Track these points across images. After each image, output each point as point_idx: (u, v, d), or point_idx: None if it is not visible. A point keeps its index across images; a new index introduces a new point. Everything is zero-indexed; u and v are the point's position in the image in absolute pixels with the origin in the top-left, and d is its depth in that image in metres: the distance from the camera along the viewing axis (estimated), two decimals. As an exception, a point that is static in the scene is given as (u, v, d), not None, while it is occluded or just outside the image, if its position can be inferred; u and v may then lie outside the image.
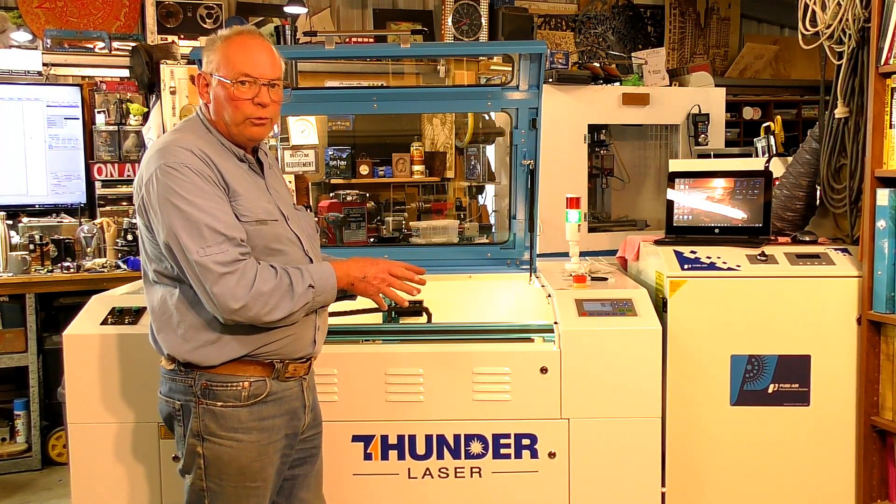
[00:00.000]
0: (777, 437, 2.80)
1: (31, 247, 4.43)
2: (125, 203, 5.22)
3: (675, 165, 3.22)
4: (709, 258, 2.85)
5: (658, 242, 3.01)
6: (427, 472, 2.64)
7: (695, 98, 5.15)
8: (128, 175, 5.26)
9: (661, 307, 2.79)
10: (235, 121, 2.05)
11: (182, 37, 5.53)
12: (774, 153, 3.84)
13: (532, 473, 2.63)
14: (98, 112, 5.30)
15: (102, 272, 4.41)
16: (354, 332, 2.69)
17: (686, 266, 2.82)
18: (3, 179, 5.13)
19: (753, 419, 2.80)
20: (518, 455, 2.63)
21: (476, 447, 2.63)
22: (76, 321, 2.68)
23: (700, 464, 2.80)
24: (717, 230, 3.05)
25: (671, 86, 5.37)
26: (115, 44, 5.42)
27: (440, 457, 2.63)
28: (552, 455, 2.62)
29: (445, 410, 2.61)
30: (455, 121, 5.61)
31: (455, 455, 2.63)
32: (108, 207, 5.22)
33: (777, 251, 2.88)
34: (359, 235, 4.60)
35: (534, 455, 2.62)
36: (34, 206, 5.15)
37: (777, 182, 3.22)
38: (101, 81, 5.40)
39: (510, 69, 3.23)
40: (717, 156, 4.73)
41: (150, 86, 4.13)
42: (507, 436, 2.62)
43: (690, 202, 3.09)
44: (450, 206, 5.49)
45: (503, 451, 2.62)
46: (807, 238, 3.00)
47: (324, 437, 2.30)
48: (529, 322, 2.79)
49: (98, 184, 5.28)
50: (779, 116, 4.45)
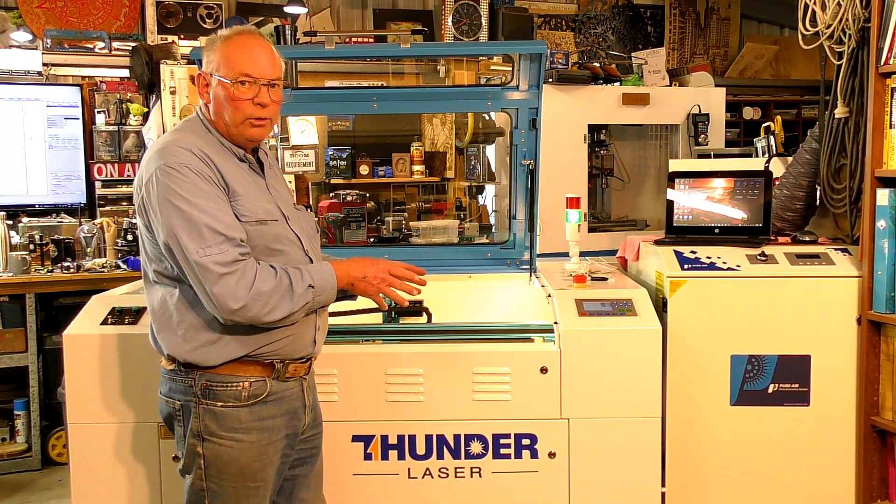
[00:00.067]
0: (777, 437, 2.80)
1: (31, 247, 4.43)
2: (125, 203, 5.22)
3: (675, 165, 3.22)
4: (709, 258, 2.85)
5: (658, 242, 3.01)
6: (427, 472, 2.64)
7: (695, 98, 5.14)
8: (128, 175, 5.26)
9: (661, 307, 2.79)
10: (235, 121, 2.05)
11: (182, 37, 5.54)
12: (774, 153, 3.84)
13: (532, 473, 2.63)
14: (98, 112, 5.30)
15: (102, 272, 4.41)
16: (354, 332, 2.69)
17: (686, 266, 2.82)
18: (3, 179, 5.13)
19: (753, 419, 2.80)
20: (518, 455, 2.63)
21: (476, 447, 2.63)
22: (76, 321, 2.68)
23: (700, 464, 2.80)
24: (717, 230, 3.05)
25: (671, 86, 5.37)
26: (115, 44, 5.42)
27: (440, 457, 2.63)
28: (552, 455, 2.62)
29: (445, 410, 2.61)
30: (455, 121, 5.60)
31: (455, 455, 2.63)
32: (108, 207, 5.22)
33: (777, 251, 2.88)
34: (359, 235, 4.59)
35: (534, 455, 2.62)
36: (34, 206, 5.15)
37: (777, 182, 3.22)
38: (101, 81, 5.40)
39: (510, 69, 3.23)
40: (717, 156, 4.73)
41: (150, 86, 4.13)
42: (507, 436, 2.62)
43: (690, 202, 3.09)
44: (450, 206, 5.48)
45: (503, 451, 2.62)
46: (807, 238, 3.00)
47: (324, 437, 2.30)
48: (529, 322, 2.79)
49: (98, 184, 5.28)
50: (779, 116, 4.45)
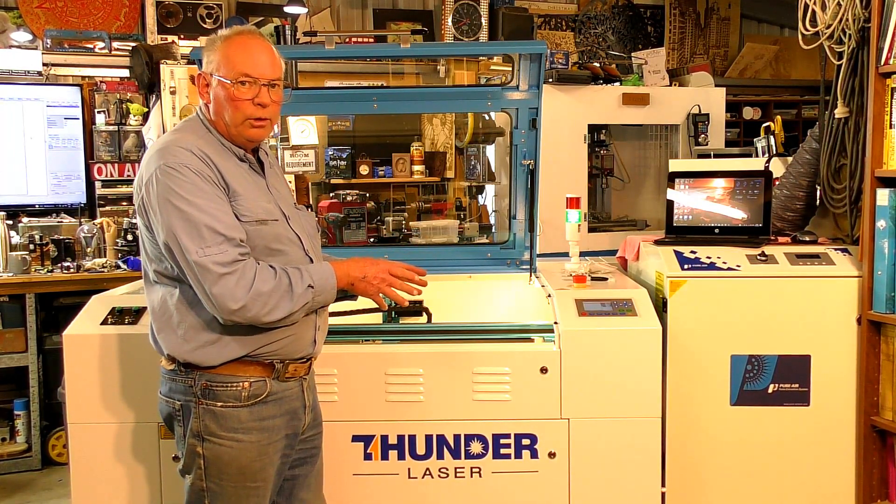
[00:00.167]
0: (777, 437, 2.80)
1: (31, 247, 4.43)
2: (125, 203, 5.22)
3: (675, 165, 3.22)
4: (709, 258, 2.85)
5: (658, 242, 3.01)
6: (427, 472, 2.64)
7: (695, 98, 5.14)
8: (128, 175, 5.26)
9: (661, 307, 2.79)
10: (235, 121, 2.05)
11: (182, 37, 5.54)
12: (774, 153, 3.84)
13: (532, 473, 2.63)
14: (98, 112, 5.30)
15: (102, 272, 4.41)
16: (354, 332, 2.69)
17: (686, 266, 2.82)
18: (3, 179, 5.13)
19: (753, 419, 2.80)
20: (518, 455, 2.63)
21: (476, 447, 2.63)
22: (76, 321, 2.68)
23: (700, 464, 2.80)
24: (717, 230, 3.05)
25: (671, 86, 5.37)
26: (115, 44, 5.42)
27: (440, 457, 2.63)
28: (552, 455, 2.62)
29: (445, 410, 2.61)
30: (455, 121, 5.60)
31: (455, 455, 2.63)
32: (108, 207, 5.22)
33: (777, 251, 2.88)
34: (359, 235, 4.59)
35: (534, 455, 2.62)
36: (34, 206, 5.16)
37: (777, 182, 3.22)
38: (101, 81, 5.40)
39: (510, 69, 3.23)
40: (717, 156, 4.73)
41: (150, 86, 4.13)
42: (507, 436, 2.62)
43: (690, 202, 3.09)
44: (450, 206, 5.48)
45: (503, 451, 2.62)
46: (807, 238, 3.00)
47: (324, 437, 2.30)
48: (529, 322, 2.79)
49: (98, 184, 5.28)
50: (779, 116, 4.45)
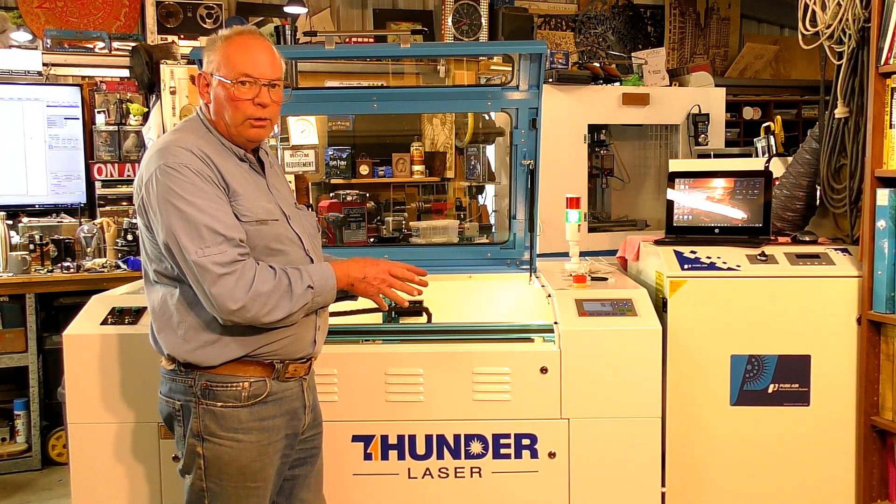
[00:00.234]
0: (777, 437, 2.80)
1: (31, 247, 4.43)
2: (125, 203, 5.22)
3: (675, 165, 3.22)
4: (709, 258, 2.85)
5: (658, 242, 3.01)
6: (427, 472, 2.64)
7: (695, 98, 5.14)
8: (128, 175, 5.26)
9: (661, 307, 2.79)
10: (235, 121, 2.05)
11: (182, 37, 5.54)
12: (774, 153, 3.84)
13: (532, 473, 2.63)
14: (98, 112, 5.30)
15: (102, 272, 4.41)
16: (354, 332, 2.69)
17: (686, 266, 2.82)
18: (3, 179, 5.13)
19: (753, 419, 2.80)
20: (518, 455, 2.63)
21: (476, 447, 2.63)
22: (76, 321, 2.68)
23: (700, 464, 2.80)
24: (717, 230, 3.05)
25: (671, 86, 5.37)
26: (115, 44, 5.42)
27: (440, 457, 2.63)
28: (552, 455, 2.62)
29: (445, 410, 2.61)
30: (455, 121, 5.60)
31: (455, 455, 2.63)
32: (108, 207, 5.22)
33: (777, 251, 2.87)
34: (359, 235, 4.59)
35: (534, 455, 2.62)
36: (34, 206, 5.15)
37: (777, 182, 3.22)
38: (101, 81, 5.40)
39: (510, 69, 3.23)
40: (717, 156, 4.73)
41: (150, 86, 4.13)
42: (507, 436, 2.62)
43: (690, 202, 3.09)
44: (450, 206, 5.48)
45: (503, 451, 2.62)
46: (807, 238, 3.00)
47: (324, 437, 2.30)
48: (529, 322, 2.79)
49: (98, 184, 5.28)
50: (779, 116, 4.45)
